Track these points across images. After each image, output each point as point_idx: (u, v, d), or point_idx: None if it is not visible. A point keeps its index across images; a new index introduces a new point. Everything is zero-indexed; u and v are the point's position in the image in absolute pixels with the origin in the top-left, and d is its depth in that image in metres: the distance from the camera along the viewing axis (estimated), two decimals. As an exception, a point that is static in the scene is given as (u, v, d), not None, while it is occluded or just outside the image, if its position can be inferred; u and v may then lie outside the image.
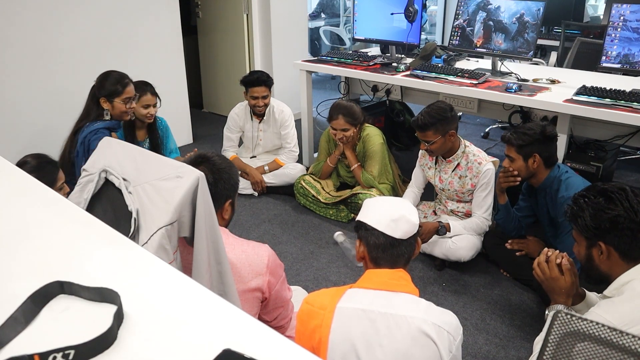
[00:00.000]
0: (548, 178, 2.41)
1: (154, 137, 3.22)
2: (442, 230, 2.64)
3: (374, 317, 1.30)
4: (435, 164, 2.83)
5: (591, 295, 1.81)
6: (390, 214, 1.44)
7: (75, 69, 3.64)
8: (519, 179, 2.44)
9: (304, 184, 3.38)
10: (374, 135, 3.21)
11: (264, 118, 3.61)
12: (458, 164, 2.72)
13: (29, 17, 3.36)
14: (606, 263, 1.60)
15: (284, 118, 3.61)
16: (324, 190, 3.36)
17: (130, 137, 3.11)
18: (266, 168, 3.61)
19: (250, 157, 3.77)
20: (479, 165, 2.65)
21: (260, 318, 1.64)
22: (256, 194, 3.58)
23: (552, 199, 2.41)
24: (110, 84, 2.61)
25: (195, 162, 1.51)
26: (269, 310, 1.63)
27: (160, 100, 3.14)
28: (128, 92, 2.64)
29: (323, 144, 3.46)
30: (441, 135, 2.59)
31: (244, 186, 3.57)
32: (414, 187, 2.99)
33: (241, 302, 1.51)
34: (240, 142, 3.82)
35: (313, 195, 3.33)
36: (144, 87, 3.05)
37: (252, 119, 3.64)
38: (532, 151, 2.36)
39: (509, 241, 2.65)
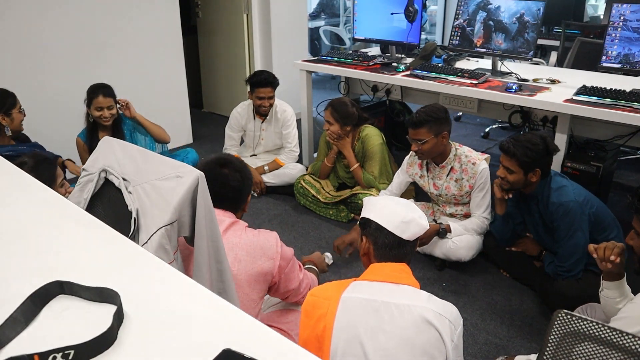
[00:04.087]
0: (539, 186, 2.38)
1: (119, 139, 3.10)
2: (442, 232, 2.64)
3: (377, 305, 1.34)
4: (427, 172, 2.82)
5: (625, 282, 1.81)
6: (401, 215, 1.48)
7: (75, 69, 3.64)
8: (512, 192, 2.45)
9: (304, 184, 3.38)
10: (373, 135, 3.20)
11: (267, 117, 3.62)
12: (452, 168, 2.71)
13: (27, 17, 3.35)
14: None
15: (286, 117, 3.62)
16: (324, 190, 3.36)
17: (92, 139, 3.00)
18: (266, 168, 3.61)
19: (250, 155, 3.78)
20: (473, 165, 2.64)
21: (271, 295, 1.83)
22: (255, 194, 3.58)
23: (545, 205, 2.37)
24: (1, 101, 2.69)
25: (220, 164, 1.70)
26: (280, 292, 1.79)
27: (118, 103, 3.05)
28: (18, 101, 2.77)
29: (322, 144, 3.46)
30: (434, 135, 2.58)
31: (244, 186, 3.57)
32: (390, 193, 2.93)
33: (249, 282, 1.65)
34: (242, 141, 3.82)
35: (313, 195, 3.33)
36: (96, 90, 2.98)
37: (254, 118, 3.64)
38: (534, 166, 2.30)
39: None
